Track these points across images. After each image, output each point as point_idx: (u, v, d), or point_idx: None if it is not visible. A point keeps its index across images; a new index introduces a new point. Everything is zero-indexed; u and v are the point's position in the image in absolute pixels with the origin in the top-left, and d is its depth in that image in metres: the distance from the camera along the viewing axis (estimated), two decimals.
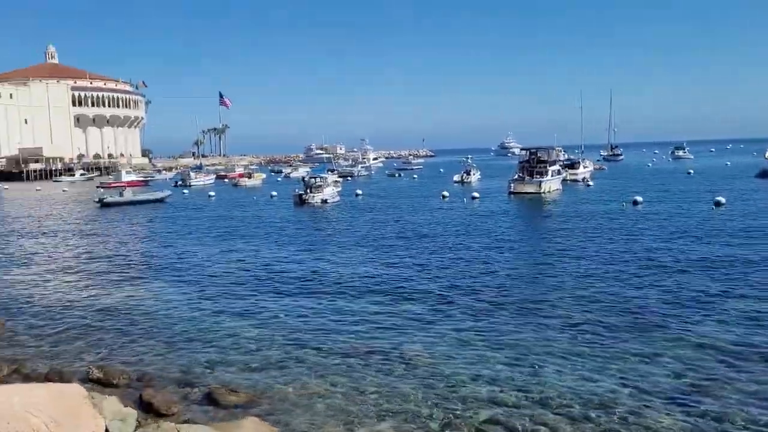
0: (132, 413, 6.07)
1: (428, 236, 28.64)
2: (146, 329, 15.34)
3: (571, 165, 66.06)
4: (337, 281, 19.68)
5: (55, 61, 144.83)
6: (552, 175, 50.06)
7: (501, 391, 10.61)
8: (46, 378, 12.19)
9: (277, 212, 42.85)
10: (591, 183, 58.60)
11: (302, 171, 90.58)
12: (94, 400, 5.92)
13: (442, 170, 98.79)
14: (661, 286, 17.65)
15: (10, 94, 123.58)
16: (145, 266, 24.02)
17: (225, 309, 16.85)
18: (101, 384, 12.10)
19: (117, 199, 50.43)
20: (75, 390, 5.26)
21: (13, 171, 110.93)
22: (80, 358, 13.61)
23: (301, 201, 46.83)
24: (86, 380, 12.29)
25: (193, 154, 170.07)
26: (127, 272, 22.85)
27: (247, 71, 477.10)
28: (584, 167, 68.44)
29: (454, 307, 16.04)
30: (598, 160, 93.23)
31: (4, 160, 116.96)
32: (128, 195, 51.55)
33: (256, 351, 13.40)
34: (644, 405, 9.84)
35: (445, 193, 50.83)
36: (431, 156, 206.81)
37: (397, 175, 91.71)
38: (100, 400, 6.01)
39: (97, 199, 51.35)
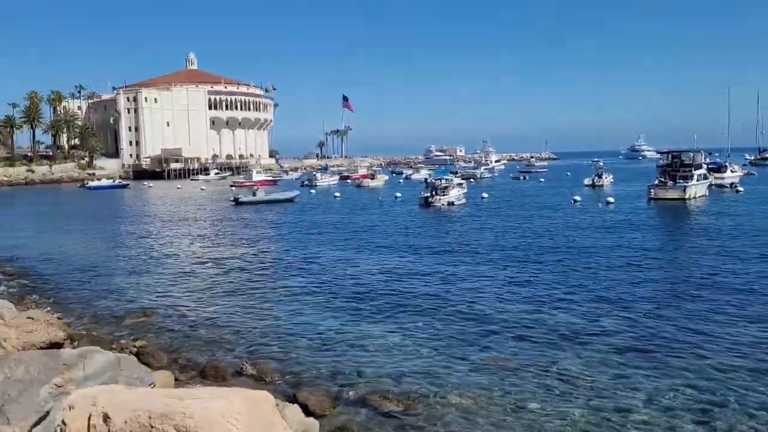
0: (314, 424, 5.79)
1: (563, 247, 26.83)
2: (286, 328, 15.47)
3: (717, 169, 60.95)
4: (473, 290, 18.93)
5: (195, 67, 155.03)
6: (698, 180, 46.28)
7: (680, 425, 9.48)
8: (203, 371, 12.52)
9: (403, 214, 42.76)
10: (741, 189, 53.69)
11: (423, 173, 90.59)
12: (278, 407, 5.65)
13: (568, 173, 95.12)
14: None
15: (155, 99, 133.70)
16: (279, 265, 24.57)
17: (362, 313, 16.66)
18: (253, 379, 12.26)
19: (250, 198, 52.75)
20: (266, 397, 4.98)
21: (156, 170, 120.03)
22: (227, 351, 13.89)
23: (426, 203, 46.54)
24: (238, 374, 12.53)
25: (317, 155, 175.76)
26: (263, 270, 23.51)
27: (365, 72, 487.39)
28: (731, 171, 62.92)
29: (604, 328, 14.73)
30: (744, 165, 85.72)
31: (148, 159, 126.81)
32: (261, 195, 53.76)
33: (402, 358, 13.04)
34: None
35: (577, 198, 48.52)
36: (555, 159, 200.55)
37: (521, 177, 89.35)
38: (282, 407, 5.76)
39: (232, 198, 54.01)
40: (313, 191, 71.82)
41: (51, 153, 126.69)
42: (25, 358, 5.67)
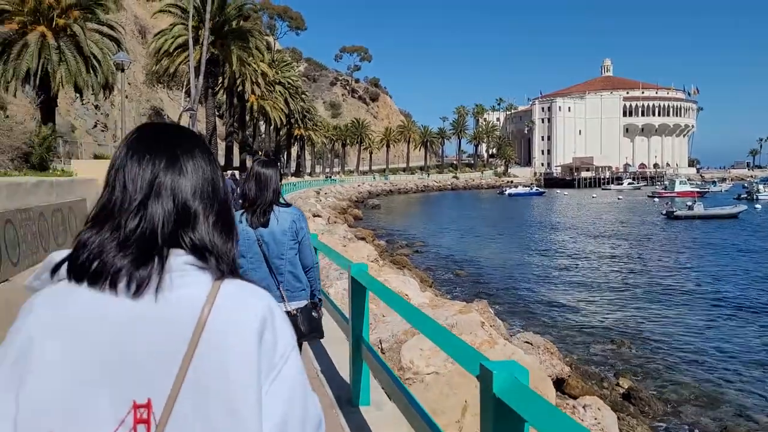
0: None
1: None
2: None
3: None
4: None
5: (610, 73, 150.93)
6: None
7: None
8: None
9: None
10: None
11: None
12: None
13: None
14: None
15: (569, 108, 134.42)
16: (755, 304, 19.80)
17: None
18: None
19: (686, 212, 47.07)
20: None
21: (566, 178, 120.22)
22: (733, 412, 10.74)
23: None
24: None
25: (747, 165, 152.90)
26: (738, 307, 19.13)
27: None
28: None
29: None
30: None
31: (559, 167, 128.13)
32: (698, 208, 47.48)
33: None
34: None
35: None
36: None
37: None
38: None
39: (664, 211, 49.20)
40: (758, 206, 60.69)
41: (472, 161, 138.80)
42: None
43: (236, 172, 28.83)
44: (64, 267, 1.04)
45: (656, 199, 71.90)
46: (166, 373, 0.97)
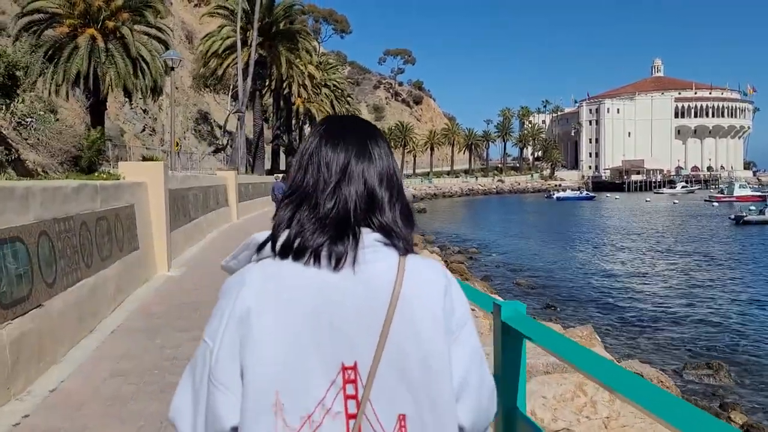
0: None
1: None
2: None
3: None
4: None
5: (660, 74, 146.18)
6: None
7: None
8: None
9: None
10: None
11: None
12: None
13: None
14: None
15: (617, 109, 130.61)
16: None
17: None
18: None
19: (758, 217, 44.52)
20: None
21: (615, 181, 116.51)
22: None
23: None
24: None
25: None
26: None
27: None
28: None
29: None
30: None
31: (608, 171, 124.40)
32: None
33: None
34: None
35: None
36: None
37: None
38: None
39: (732, 216, 46.62)
40: None
41: (518, 164, 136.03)
42: None
43: (280, 176, 28.04)
44: (268, 246, 1.13)
45: (715, 204, 68.76)
46: (368, 338, 1.06)
